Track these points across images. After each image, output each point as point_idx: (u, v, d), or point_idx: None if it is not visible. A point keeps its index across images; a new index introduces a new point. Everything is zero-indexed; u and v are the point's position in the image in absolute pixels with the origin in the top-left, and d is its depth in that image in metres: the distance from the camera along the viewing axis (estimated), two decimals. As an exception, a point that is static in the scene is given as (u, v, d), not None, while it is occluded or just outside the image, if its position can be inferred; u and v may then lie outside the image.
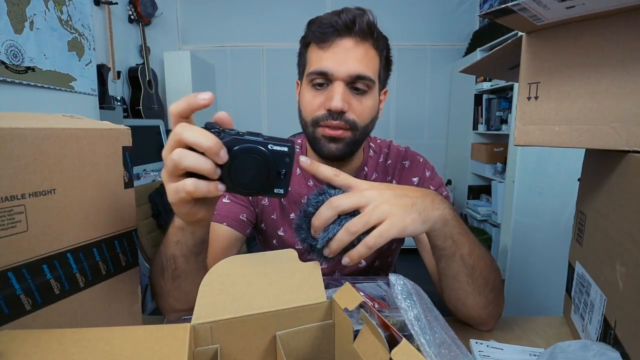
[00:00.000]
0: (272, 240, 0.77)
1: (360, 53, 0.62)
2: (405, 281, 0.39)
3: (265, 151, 0.38)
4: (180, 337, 0.30)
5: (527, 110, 0.46)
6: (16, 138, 0.34)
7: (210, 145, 0.35)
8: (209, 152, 0.35)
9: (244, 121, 3.10)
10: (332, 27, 0.61)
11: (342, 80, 0.61)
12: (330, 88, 0.62)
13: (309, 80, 0.65)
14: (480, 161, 2.62)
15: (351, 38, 0.62)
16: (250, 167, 0.38)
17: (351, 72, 0.61)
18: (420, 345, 0.34)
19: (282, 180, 0.39)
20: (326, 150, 0.65)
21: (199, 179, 0.37)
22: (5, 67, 1.38)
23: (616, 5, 0.36)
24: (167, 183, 0.39)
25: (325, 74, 0.62)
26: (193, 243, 0.48)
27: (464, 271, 0.50)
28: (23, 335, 0.29)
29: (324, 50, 0.62)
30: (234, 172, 0.37)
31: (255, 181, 0.38)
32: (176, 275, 0.50)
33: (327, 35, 0.62)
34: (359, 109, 0.63)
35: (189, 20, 2.95)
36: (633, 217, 0.39)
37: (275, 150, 0.38)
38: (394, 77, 3.06)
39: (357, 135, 0.65)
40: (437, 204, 0.46)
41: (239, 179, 0.38)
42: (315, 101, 0.64)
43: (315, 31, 0.63)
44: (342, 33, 0.61)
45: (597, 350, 0.40)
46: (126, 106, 2.38)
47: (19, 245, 0.35)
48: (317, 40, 0.63)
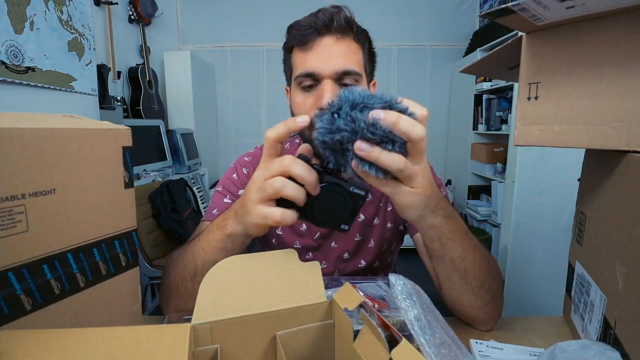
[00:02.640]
0: (271, 240, 0.77)
1: (342, 49, 0.63)
2: (405, 281, 0.39)
3: (348, 192, 0.41)
4: (180, 337, 0.30)
5: (527, 110, 0.46)
6: (16, 138, 0.34)
7: (312, 180, 0.39)
8: (309, 186, 0.40)
9: (244, 121, 3.10)
10: (312, 27, 0.62)
11: (329, 78, 0.62)
12: (319, 87, 0.63)
13: (297, 83, 0.65)
14: (480, 161, 2.62)
15: (332, 35, 0.63)
16: (333, 203, 0.41)
17: (337, 68, 0.62)
18: (420, 345, 0.34)
19: (350, 218, 0.43)
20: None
21: (286, 209, 0.41)
22: (5, 67, 1.38)
23: (616, 5, 0.36)
24: (255, 205, 0.43)
25: (312, 74, 0.62)
26: (239, 251, 0.51)
27: (456, 273, 0.51)
28: (23, 335, 0.29)
29: (307, 52, 0.63)
30: (318, 205, 0.41)
31: (332, 216, 0.42)
32: None
33: (307, 36, 0.63)
34: None
35: (189, 20, 2.95)
36: (633, 217, 0.39)
37: (355, 193, 0.41)
38: (394, 77, 3.06)
39: None
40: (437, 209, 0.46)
41: (320, 211, 0.42)
42: (306, 103, 0.64)
43: (296, 35, 0.64)
44: (322, 32, 0.62)
45: (597, 350, 0.40)
46: (126, 106, 2.38)
47: (19, 245, 0.35)
48: (299, 43, 0.64)
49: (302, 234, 0.75)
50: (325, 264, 0.75)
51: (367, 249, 0.76)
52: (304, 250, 0.75)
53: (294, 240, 0.75)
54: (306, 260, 0.41)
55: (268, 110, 3.11)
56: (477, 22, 2.95)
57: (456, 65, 2.91)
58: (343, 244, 0.75)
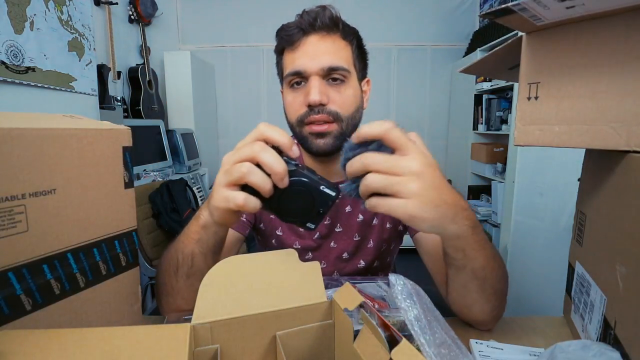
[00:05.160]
0: (271, 240, 0.77)
1: (328, 45, 0.64)
2: (405, 281, 0.39)
3: (317, 190, 0.41)
4: (180, 337, 0.30)
5: (527, 111, 0.46)
6: (16, 138, 0.34)
7: (280, 171, 0.38)
8: (275, 176, 0.39)
9: (244, 121, 3.10)
10: (297, 27, 0.64)
11: (316, 74, 0.63)
12: (306, 85, 0.64)
13: (287, 82, 0.66)
14: (480, 161, 2.62)
15: (317, 33, 0.64)
16: (300, 199, 0.41)
17: (323, 64, 0.62)
18: (420, 345, 0.34)
19: (317, 217, 0.42)
20: (314, 147, 0.65)
21: (249, 195, 0.40)
22: (5, 67, 1.38)
23: (616, 5, 0.36)
24: (220, 187, 0.42)
25: (299, 72, 0.63)
26: (214, 242, 0.50)
27: (475, 282, 0.49)
28: (23, 335, 0.29)
29: (294, 52, 0.65)
30: (284, 199, 0.40)
31: (298, 212, 0.42)
32: (191, 273, 0.51)
33: (293, 36, 0.64)
34: (340, 99, 0.64)
35: (189, 20, 2.95)
36: (633, 217, 0.39)
37: (324, 192, 0.41)
38: (394, 77, 3.06)
39: (344, 126, 0.65)
40: (460, 219, 0.42)
41: (286, 205, 0.41)
42: (295, 101, 0.65)
43: (284, 36, 0.65)
44: (308, 31, 0.64)
45: (597, 350, 0.40)
46: (126, 106, 2.38)
47: (19, 245, 0.35)
48: (287, 44, 0.66)
49: (302, 235, 0.75)
50: (325, 264, 0.75)
51: (367, 249, 0.76)
52: (304, 250, 0.75)
53: (294, 241, 0.75)
54: (306, 260, 0.41)
55: (268, 110, 3.11)
56: (477, 22, 2.95)
57: (456, 65, 2.91)
58: (342, 244, 0.75)
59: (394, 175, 0.37)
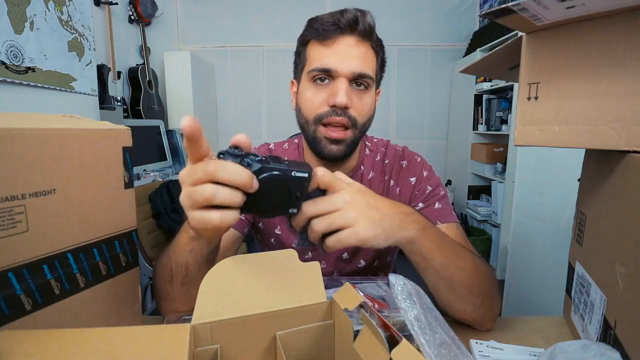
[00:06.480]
0: (270, 239, 0.77)
1: (361, 51, 0.63)
2: (405, 281, 0.39)
3: (289, 178, 0.39)
4: (180, 337, 0.30)
5: (527, 111, 0.46)
6: (16, 138, 0.34)
7: (245, 181, 0.35)
8: (244, 187, 0.36)
9: (244, 121, 3.10)
10: (335, 24, 0.62)
11: (345, 77, 0.62)
12: (333, 84, 0.63)
13: (310, 77, 0.64)
14: (480, 161, 2.62)
15: (353, 36, 0.63)
16: (275, 192, 0.39)
17: (354, 69, 0.62)
18: (420, 345, 0.34)
19: (297, 201, 0.42)
20: (327, 151, 0.65)
21: (224, 210, 0.37)
22: (5, 68, 1.38)
23: (616, 5, 0.36)
24: (189, 210, 0.37)
25: (329, 70, 0.62)
26: (207, 251, 0.49)
27: (442, 282, 0.51)
28: (23, 335, 0.29)
29: (326, 47, 0.63)
30: (260, 198, 0.38)
31: (276, 205, 0.41)
32: (186, 281, 0.50)
33: (329, 32, 0.62)
34: (360, 106, 0.64)
35: (189, 20, 2.95)
36: (633, 217, 0.39)
37: (297, 177, 0.40)
38: (394, 77, 3.06)
39: (357, 134, 0.65)
40: (407, 224, 0.47)
41: (264, 203, 0.39)
42: (317, 98, 0.64)
43: (318, 28, 0.63)
44: (345, 31, 0.62)
45: (597, 351, 0.40)
46: (126, 106, 2.38)
47: (19, 245, 0.35)
48: (319, 37, 0.63)
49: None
50: (325, 264, 0.75)
51: (366, 249, 0.76)
52: (304, 250, 0.75)
53: (293, 240, 0.75)
54: (306, 260, 0.41)
55: (268, 110, 3.11)
56: (477, 22, 2.95)
57: (456, 65, 2.91)
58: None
59: (334, 211, 0.42)
